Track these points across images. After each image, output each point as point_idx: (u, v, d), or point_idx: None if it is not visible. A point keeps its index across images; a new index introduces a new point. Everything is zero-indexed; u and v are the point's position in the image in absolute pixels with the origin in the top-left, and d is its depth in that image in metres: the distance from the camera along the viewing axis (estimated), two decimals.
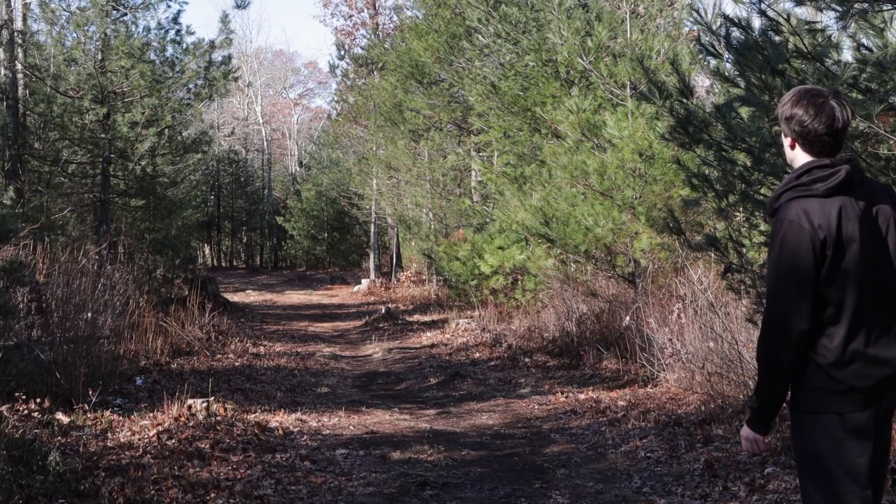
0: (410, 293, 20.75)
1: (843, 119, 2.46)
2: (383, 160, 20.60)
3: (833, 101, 2.46)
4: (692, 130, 4.85)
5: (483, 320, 13.10)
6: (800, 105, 2.48)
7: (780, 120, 2.56)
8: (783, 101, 2.54)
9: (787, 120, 2.51)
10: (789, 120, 2.50)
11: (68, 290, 7.82)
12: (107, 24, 12.28)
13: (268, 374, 9.96)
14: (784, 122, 2.53)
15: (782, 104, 2.53)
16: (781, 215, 2.50)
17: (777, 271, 2.49)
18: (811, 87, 2.55)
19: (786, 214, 2.48)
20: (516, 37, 12.58)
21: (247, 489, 4.89)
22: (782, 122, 2.54)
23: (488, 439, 6.69)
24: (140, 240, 14.99)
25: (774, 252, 2.49)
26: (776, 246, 2.49)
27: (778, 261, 2.48)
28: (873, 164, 4.51)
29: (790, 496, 4.51)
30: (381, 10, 28.70)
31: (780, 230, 2.48)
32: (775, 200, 2.55)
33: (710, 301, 7.12)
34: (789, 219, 2.46)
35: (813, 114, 2.45)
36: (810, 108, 2.46)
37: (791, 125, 2.50)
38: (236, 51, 32.71)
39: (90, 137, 12.66)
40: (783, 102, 2.53)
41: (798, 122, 2.48)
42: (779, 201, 2.53)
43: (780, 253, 2.47)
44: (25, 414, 5.81)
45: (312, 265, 33.25)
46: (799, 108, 2.48)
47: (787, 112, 2.51)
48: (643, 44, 10.24)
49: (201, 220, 28.10)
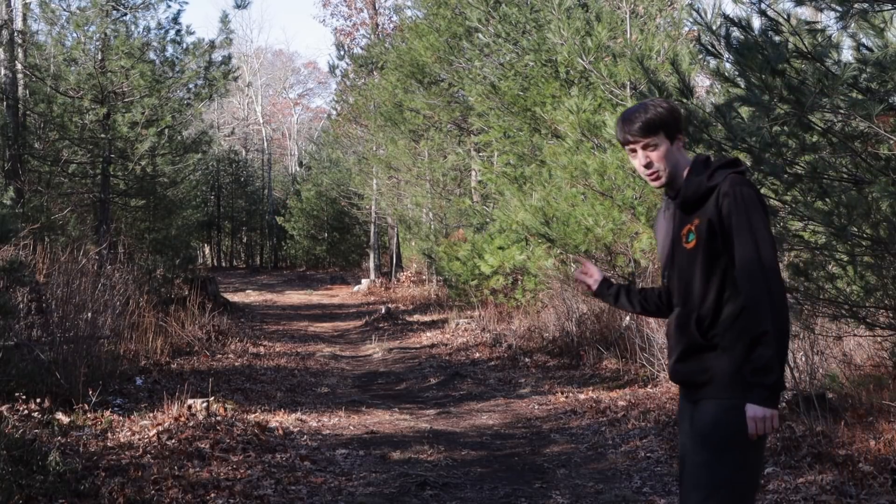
0: (410, 293, 20.75)
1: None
2: (383, 160, 20.60)
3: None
4: (692, 130, 4.85)
5: (483, 320, 13.10)
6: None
7: (679, 122, 2.66)
8: (679, 110, 2.70)
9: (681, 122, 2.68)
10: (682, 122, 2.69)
11: (68, 290, 7.82)
12: (107, 24, 12.27)
13: (268, 374, 9.96)
14: (679, 125, 2.67)
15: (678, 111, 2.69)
16: (744, 181, 2.55)
17: (770, 238, 2.50)
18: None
19: (748, 183, 2.54)
20: (516, 37, 12.58)
21: (247, 489, 4.89)
22: (681, 126, 2.68)
23: (488, 439, 6.69)
24: (140, 240, 14.99)
25: (761, 219, 2.50)
26: (761, 212, 2.50)
27: (767, 227, 2.51)
28: (873, 164, 4.51)
29: (790, 496, 4.51)
30: (381, 10, 28.72)
31: (754, 197, 2.51)
32: (721, 170, 2.58)
33: None
34: (754, 188, 2.55)
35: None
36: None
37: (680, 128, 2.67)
38: (236, 51, 32.72)
39: (90, 137, 12.66)
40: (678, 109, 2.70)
41: (682, 124, 2.70)
42: (736, 167, 2.58)
43: (766, 219, 2.52)
44: (25, 414, 5.81)
45: (312, 265, 33.24)
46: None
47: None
48: (643, 44, 10.23)
49: (201, 220, 28.09)
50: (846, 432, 5.23)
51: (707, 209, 2.55)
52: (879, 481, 4.51)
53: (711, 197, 2.54)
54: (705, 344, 2.55)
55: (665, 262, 2.73)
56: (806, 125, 4.51)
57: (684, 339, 2.61)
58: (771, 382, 2.44)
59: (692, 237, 2.58)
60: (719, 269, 2.54)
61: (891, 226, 4.49)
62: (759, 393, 2.45)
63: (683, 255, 2.61)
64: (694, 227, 2.57)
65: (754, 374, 2.45)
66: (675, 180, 2.65)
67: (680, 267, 2.63)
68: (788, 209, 4.85)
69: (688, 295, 2.61)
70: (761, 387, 2.45)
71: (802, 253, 5.29)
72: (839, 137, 4.52)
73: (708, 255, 2.54)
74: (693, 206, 2.59)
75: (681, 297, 2.64)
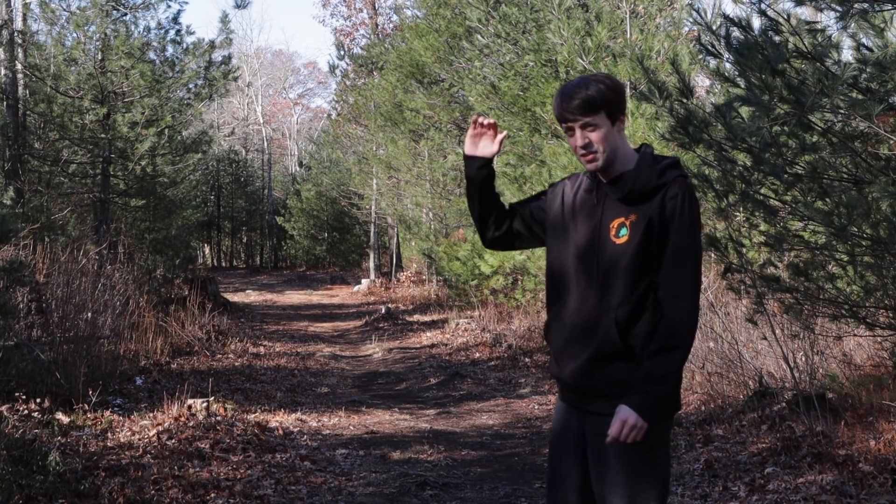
0: (410, 293, 20.75)
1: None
2: (383, 160, 20.60)
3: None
4: (692, 130, 4.85)
5: (483, 320, 13.10)
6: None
7: (623, 102, 2.44)
8: (623, 88, 2.46)
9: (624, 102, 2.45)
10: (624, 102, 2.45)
11: (68, 290, 7.82)
12: (107, 24, 12.27)
13: (268, 374, 9.96)
14: (623, 105, 2.45)
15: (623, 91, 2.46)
16: (692, 189, 2.38)
17: (699, 241, 2.37)
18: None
19: (694, 192, 2.39)
20: (516, 37, 12.57)
21: (247, 489, 4.89)
22: (624, 106, 2.45)
23: (488, 439, 6.69)
24: (140, 240, 14.99)
25: (698, 219, 2.37)
26: (697, 213, 2.37)
27: (699, 230, 2.37)
28: (873, 164, 4.51)
29: (790, 496, 4.51)
30: (381, 10, 28.74)
31: (698, 210, 2.37)
32: (670, 169, 2.40)
33: (710, 301, 7.12)
34: (698, 200, 2.40)
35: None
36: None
37: (623, 108, 2.44)
38: (236, 51, 32.73)
39: (90, 137, 12.66)
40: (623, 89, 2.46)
41: (625, 104, 2.45)
42: (676, 170, 2.40)
43: (699, 221, 2.38)
44: (25, 414, 5.81)
45: (312, 265, 33.23)
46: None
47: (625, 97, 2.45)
48: (643, 44, 10.23)
49: (201, 220, 28.09)
50: (846, 432, 5.23)
51: (650, 207, 2.34)
52: (879, 481, 4.51)
53: (657, 195, 2.35)
54: (622, 350, 2.33)
55: (581, 250, 2.43)
56: (806, 125, 4.51)
57: (594, 342, 2.36)
58: (660, 395, 2.28)
59: (624, 232, 2.36)
60: (650, 272, 2.34)
61: (891, 226, 4.48)
62: (642, 399, 2.26)
63: (608, 248, 2.37)
64: (629, 222, 2.36)
65: (646, 379, 2.27)
66: (612, 164, 2.41)
67: (602, 260, 2.38)
68: (788, 209, 4.85)
69: (606, 293, 2.36)
70: (647, 394, 2.27)
71: (802, 253, 5.29)
72: (839, 137, 4.52)
73: (641, 255, 2.33)
74: (636, 199, 2.37)
75: (596, 294, 2.38)
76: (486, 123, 2.55)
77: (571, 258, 2.45)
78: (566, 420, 2.50)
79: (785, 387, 6.27)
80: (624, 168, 2.41)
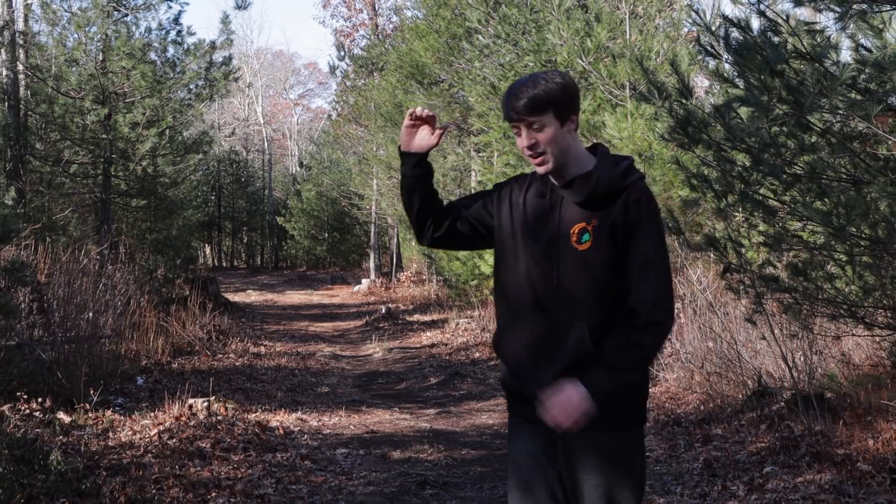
0: (410, 293, 20.76)
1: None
2: (383, 160, 20.61)
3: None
4: (691, 131, 4.87)
5: (483, 320, 13.11)
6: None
7: (574, 101, 2.29)
8: (575, 86, 2.31)
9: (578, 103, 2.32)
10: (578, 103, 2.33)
11: (70, 290, 7.84)
12: (108, 24, 12.29)
13: (268, 374, 9.97)
14: (575, 104, 2.30)
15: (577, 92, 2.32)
16: (652, 193, 2.29)
17: (665, 244, 2.28)
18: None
19: (648, 186, 2.31)
20: (516, 38, 12.59)
21: (247, 488, 4.91)
22: (576, 105, 2.30)
23: (488, 439, 6.70)
24: (141, 240, 15.00)
25: (661, 223, 2.29)
26: (660, 216, 2.29)
27: (664, 233, 2.29)
28: (872, 165, 4.52)
29: (788, 495, 4.53)
30: (381, 11, 28.76)
31: (654, 201, 2.27)
32: (631, 171, 2.30)
33: (709, 301, 7.14)
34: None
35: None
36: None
37: (575, 107, 2.30)
38: (237, 51, 32.77)
39: (91, 138, 12.67)
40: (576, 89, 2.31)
41: (578, 103, 2.31)
42: (637, 173, 2.31)
43: (662, 223, 2.30)
44: (27, 413, 5.83)
45: (313, 265, 33.24)
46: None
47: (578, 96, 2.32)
48: (642, 44, 10.25)
49: (202, 221, 28.07)
50: (845, 432, 5.25)
51: (612, 211, 2.23)
52: (878, 480, 4.53)
53: (620, 198, 2.24)
54: (596, 358, 2.22)
55: (538, 259, 2.30)
56: (805, 126, 4.52)
57: (566, 353, 2.24)
58: (614, 385, 2.18)
59: (587, 238, 2.24)
60: (619, 278, 2.23)
61: (889, 226, 4.50)
62: (594, 384, 2.16)
63: (571, 256, 2.25)
64: (591, 227, 2.24)
65: (606, 368, 2.19)
66: (565, 167, 2.28)
67: (563, 268, 2.26)
68: (787, 209, 4.87)
69: (571, 302, 2.24)
70: (602, 381, 2.18)
71: (801, 253, 5.30)
72: (838, 138, 4.54)
73: (609, 261, 2.22)
74: (596, 203, 2.25)
75: (560, 303, 2.26)
76: (425, 115, 2.41)
77: (527, 267, 2.31)
78: (528, 442, 2.35)
79: (784, 386, 6.28)
80: (579, 170, 2.29)
